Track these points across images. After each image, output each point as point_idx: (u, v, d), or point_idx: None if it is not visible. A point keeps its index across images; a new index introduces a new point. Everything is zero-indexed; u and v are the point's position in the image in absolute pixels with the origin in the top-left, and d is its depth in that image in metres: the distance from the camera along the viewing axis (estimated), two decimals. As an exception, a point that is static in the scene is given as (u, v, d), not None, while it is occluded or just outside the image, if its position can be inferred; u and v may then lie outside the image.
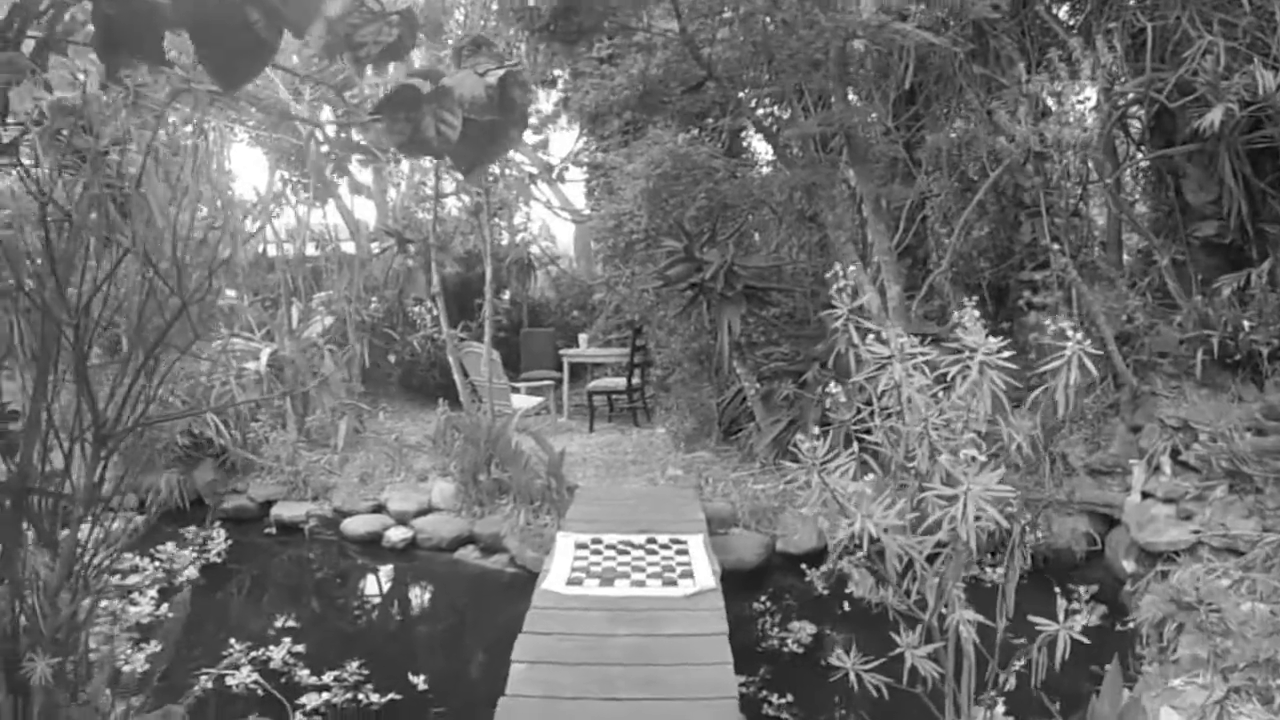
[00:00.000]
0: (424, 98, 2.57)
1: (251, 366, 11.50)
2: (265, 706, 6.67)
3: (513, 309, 15.73)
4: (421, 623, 8.55)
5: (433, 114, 2.56)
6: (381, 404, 14.07)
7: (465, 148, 2.65)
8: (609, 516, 8.20)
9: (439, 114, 2.57)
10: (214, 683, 6.98)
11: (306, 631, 7.94)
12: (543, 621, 5.90)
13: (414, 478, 10.79)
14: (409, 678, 6.87)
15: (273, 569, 9.85)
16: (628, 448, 11.56)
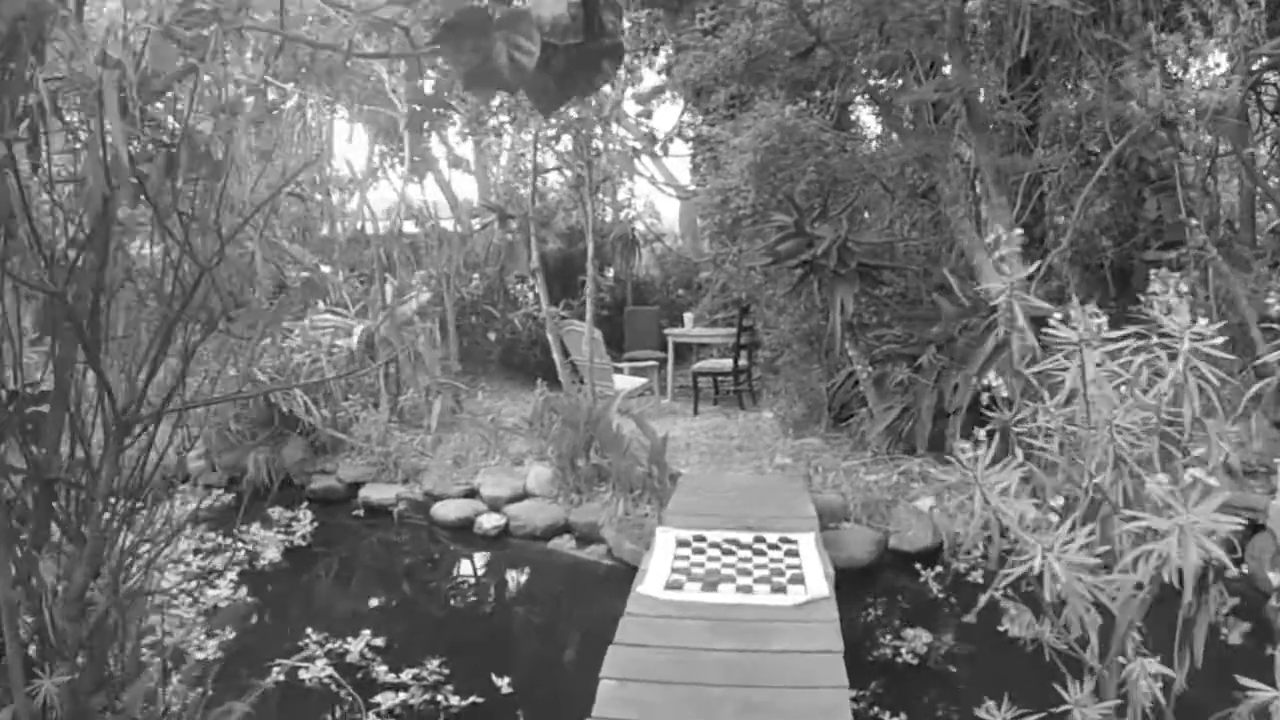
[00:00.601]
0: (494, 22, 2.12)
1: (343, 343, 10.99)
2: (338, 704, 6.16)
3: (616, 287, 15.08)
4: (510, 618, 7.91)
5: (504, 39, 2.11)
6: (480, 383, 13.53)
7: (545, 79, 2.23)
8: (713, 509, 7.44)
9: (512, 39, 2.11)
10: (286, 675, 6.47)
11: (388, 623, 7.39)
12: (636, 631, 5.21)
13: (509, 461, 10.18)
14: (492, 679, 6.27)
15: (358, 554, 9.32)
16: (733, 432, 10.82)
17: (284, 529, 9.34)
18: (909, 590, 7.47)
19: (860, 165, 9.99)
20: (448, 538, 9.29)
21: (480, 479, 9.79)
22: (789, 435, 10.08)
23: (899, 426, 8.89)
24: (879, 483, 8.53)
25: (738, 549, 6.32)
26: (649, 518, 8.37)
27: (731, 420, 11.42)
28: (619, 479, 8.86)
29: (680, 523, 6.99)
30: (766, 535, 6.51)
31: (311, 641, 6.91)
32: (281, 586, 8.31)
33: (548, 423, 10.04)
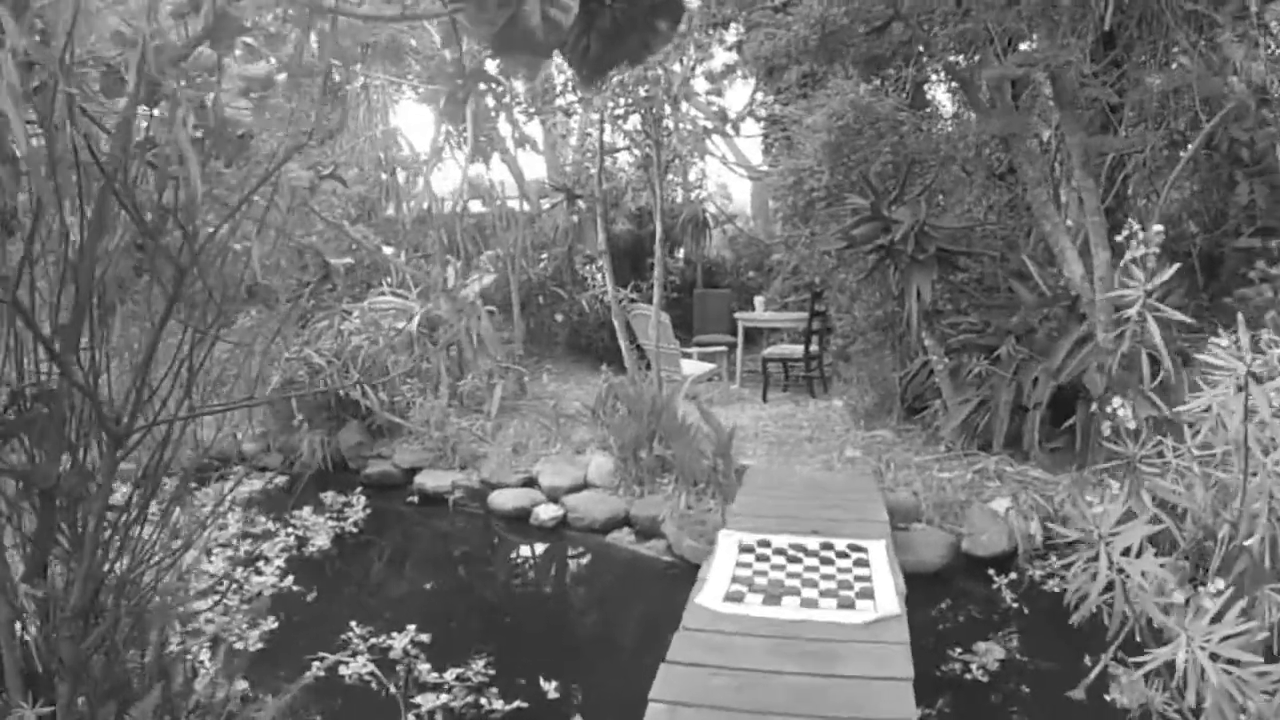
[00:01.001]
0: (523, -27, 1.55)
1: (403, 326, 10.62)
2: (377, 703, 5.83)
3: (686, 269, 14.56)
4: (563, 615, 7.45)
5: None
6: (546, 365, 13.15)
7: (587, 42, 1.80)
8: (779, 509, 6.95)
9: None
10: (326, 670, 6.17)
11: (435, 617, 7.02)
12: (692, 648, 4.75)
13: (570, 450, 9.76)
14: (540, 682, 5.91)
15: (409, 543, 8.99)
16: (803, 421, 10.31)
17: (336, 515, 9.04)
18: (981, 598, 6.92)
19: (937, 146, 9.42)
20: (503, 528, 8.91)
21: (539, 467, 9.40)
22: (860, 426, 9.55)
23: (974, 421, 8.33)
24: (952, 481, 7.97)
25: (804, 556, 5.82)
26: (712, 513, 7.93)
27: (801, 409, 10.90)
28: (682, 471, 8.41)
29: (744, 525, 6.51)
30: (835, 542, 6.00)
31: (355, 635, 6.62)
32: (328, 575, 8.00)
33: (611, 410, 9.61)
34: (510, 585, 7.95)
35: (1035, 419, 7.89)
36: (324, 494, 9.45)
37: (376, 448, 10.28)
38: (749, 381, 12.32)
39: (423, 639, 6.54)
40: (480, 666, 6.14)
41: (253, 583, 7.62)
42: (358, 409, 10.19)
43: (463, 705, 5.75)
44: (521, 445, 9.89)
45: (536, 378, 12.44)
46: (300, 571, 7.84)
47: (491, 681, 5.98)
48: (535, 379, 12.36)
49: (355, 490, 9.57)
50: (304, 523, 8.78)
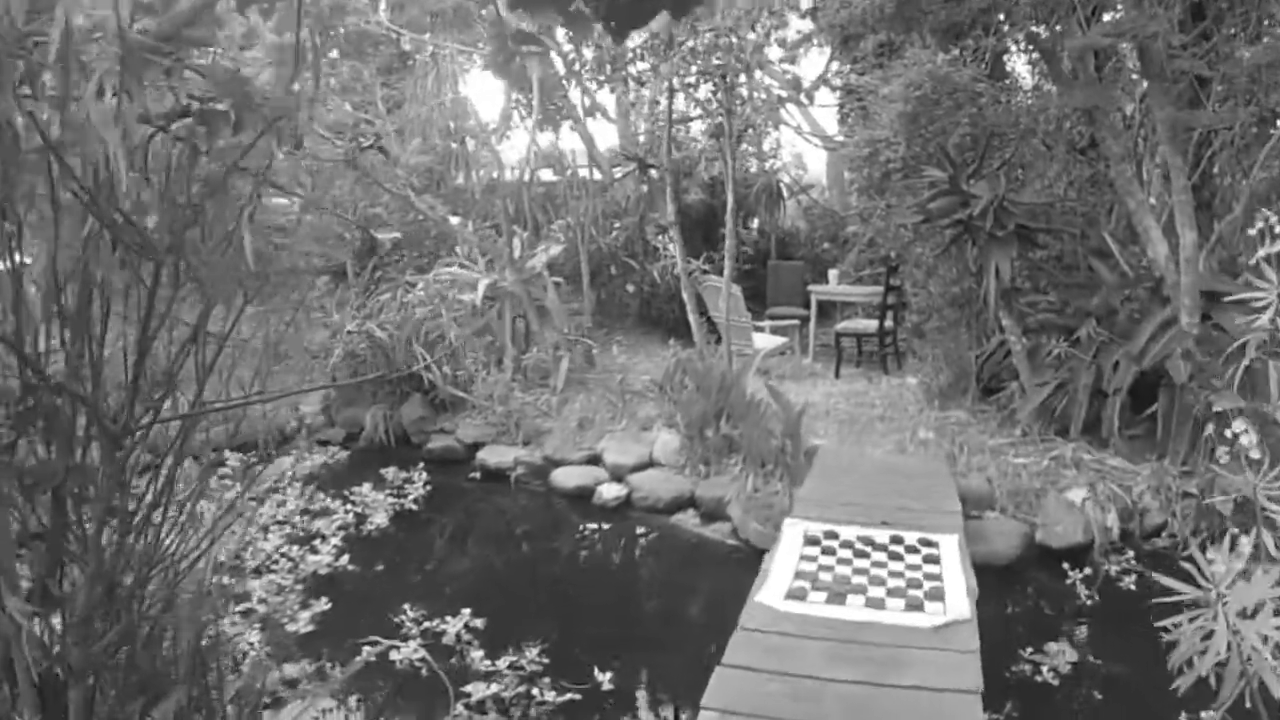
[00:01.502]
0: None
1: (468, 298, 10.35)
2: (427, 691, 5.61)
3: (760, 240, 14.11)
4: (622, 600, 7.13)
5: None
6: (616, 337, 12.82)
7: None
8: (848, 497, 6.57)
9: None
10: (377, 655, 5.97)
11: (490, 600, 6.76)
12: (748, 650, 4.42)
13: (636, 426, 9.44)
14: (595, 672, 5.65)
15: (468, 522, 8.72)
16: (875, 400, 9.88)
17: (396, 491, 8.84)
18: (1054, 593, 6.49)
19: (1017, 118, 8.90)
20: (565, 507, 8.63)
21: (604, 445, 9.11)
22: (933, 406, 9.11)
23: (1052, 405, 7.86)
24: (1028, 468, 7.52)
25: (872, 550, 5.46)
26: (779, 495, 7.59)
27: (874, 386, 10.46)
28: (750, 452, 8.07)
29: (811, 513, 6.15)
30: (905, 535, 5.63)
31: (408, 618, 6.42)
32: (385, 554, 7.76)
33: (678, 386, 9.27)
34: (570, 568, 7.65)
35: (1115, 405, 7.43)
36: (385, 470, 9.24)
37: (440, 422, 10.04)
38: (822, 356, 11.90)
39: (477, 624, 6.32)
40: (534, 654, 5.91)
41: (307, 562, 7.43)
42: (420, 383, 9.97)
43: (513, 695, 5.52)
44: (587, 421, 9.60)
45: (606, 350, 12.13)
46: (357, 550, 7.65)
47: (545, 671, 5.76)
48: (605, 351, 12.05)
49: (417, 466, 9.35)
50: (363, 499, 8.59)
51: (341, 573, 7.28)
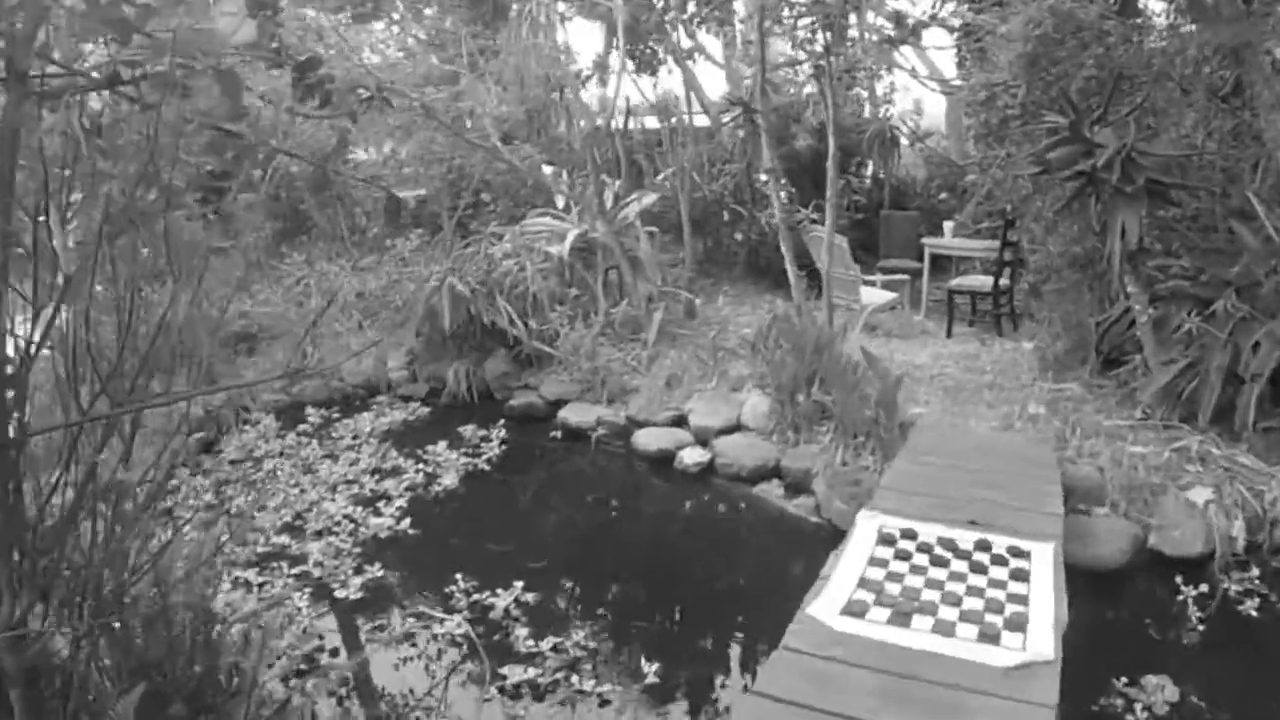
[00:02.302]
0: None
1: (554, 250, 9.72)
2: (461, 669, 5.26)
3: (874, 188, 13.16)
4: (688, 580, 6.41)
5: None
6: (723, 286, 12.12)
7: None
8: (936, 484, 5.73)
9: None
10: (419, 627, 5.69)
11: (546, 573, 6.26)
12: (787, 677, 3.73)
13: (727, 386, 8.75)
14: (642, 662, 5.13)
15: (539, 485, 8.17)
16: (986, 364, 8.96)
17: (471, 450, 8.34)
18: (1163, 612, 5.52)
19: (1149, 60, 7.78)
20: (645, 471, 8.03)
21: (691, 405, 8.46)
22: (1047, 376, 8.16)
23: (1178, 386, 6.78)
24: (1146, 459, 6.51)
25: (952, 558, 4.67)
26: (869, 471, 6.87)
27: (986, 349, 9.52)
28: (842, 421, 7.34)
29: (890, 504, 5.38)
30: (994, 540, 4.82)
31: (458, 589, 6.00)
32: (447, 519, 7.32)
33: (773, 345, 8.53)
34: (636, 541, 7.04)
35: (1252, 393, 6.29)
36: (464, 427, 8.76)
37: (524, 378, 9.52)
38: (934, 313, 10.99)
39: (528, 599, 5.86)
40: (580, 637, 5.41)
41: (369, 524, 7.02)
42: (505, 338, 9.42)
43: (549, 682, 5.03)
44: (675, 379, 8.95)
45: (711, 300, 11.47)
46: (421, 513, 7.22)
47: (589, 655, 5.27)
48: (709, 302, 11.39)
49: (497, 423, 8.85)
50: (436, 459, 8.13)
51: (401, 537, 6.87)
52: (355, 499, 7.46)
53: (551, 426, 8.85)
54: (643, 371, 9.13)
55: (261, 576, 6.35)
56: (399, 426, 9.06)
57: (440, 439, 8.48)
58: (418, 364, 9.87)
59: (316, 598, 6.05)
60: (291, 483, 7.80)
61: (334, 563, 6.47)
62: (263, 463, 8.26)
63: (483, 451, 8.29)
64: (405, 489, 7.62)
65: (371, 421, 9.09)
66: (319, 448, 8.52)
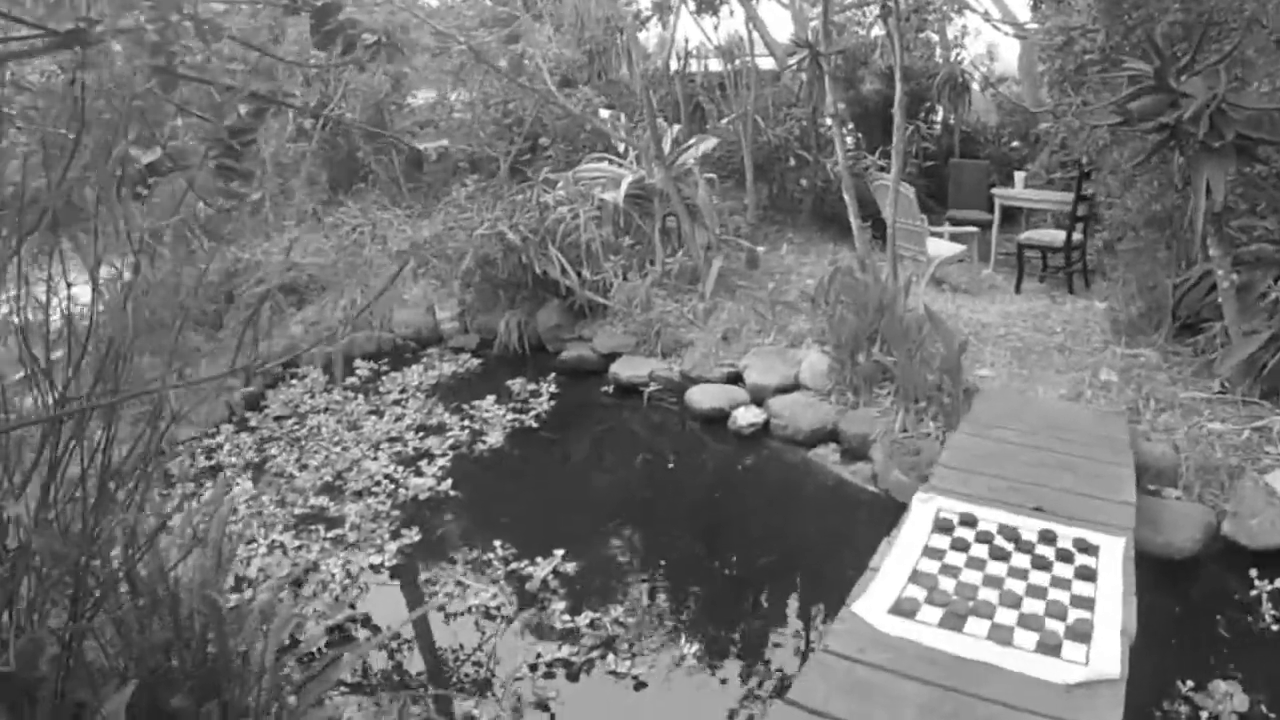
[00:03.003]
0: None
1: (609, 197, 9.31)
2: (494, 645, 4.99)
3: (943, 135, 12.53)
4: (734, 551, 5.98)
5: None
6: (788, 234, 11.65)
7: None
8: (1000, 462, 5.28)
9: None
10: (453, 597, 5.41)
11: (588, 540, 5.99)
12: (824, 684, 3.36)
13: (785, 341, 8.34)
14: (682, 642, 4.89)
15: (587, 444, 7.87)
16: (1056, 324, 8.46)
17: (519, 405, 8.04)
18: (1235, 608, 5.00)
19: (1241, 4, 7.13)
20: (697, 430, 7.66)
21: (747, 361, 8.06)
22: (1120, 340, 7.64)
23: (1262, 360, 6.22)
24: (1224, 438, 5.97)
25: (1014, 550, 4.25)
26: (930, 439, 6.45)
27: (1056, 306, 9.00)
28: (903, 384, 6.90)
29: (951, 484, 4.97)
30: (1060, 531, 4.38)
31: (496, 557, 5.73)
32: (490, 479, 7.02)
33: (834, 300, 8.10)
34: (684, 507, 6.66)
35: None
36: (513, 380, 8.45)
37: (577, 329, 9.15)
38: (1003, 267, 10.45)
39: (567, 569, 5.57)
40: (619, 612, 5.12)
41: (409, 485, 6.75)
42: (557, 288, 9.05)
43: (583, 663, 4.75)
44: (732, 333, 8.54)
45: (775, 248, 11.01)
46: (463, 473, 6.93)
47: (627, 632, 4.97)
48: (773, 250, 10.93)
49: (548, 377, 8.53)
50: (482, 415, 7.83)
51: (442, 499, 6.58)
52: (397, 457, 7.20)
53: (603, 381, 8.50)
54: (699, 324, 8.74)
55: (298, 540, 6.14)
56: (448, 380, 8.78)
57: (488, 393, 8.20)
58: (468, 315, 9.54)
59: (351, 563, 5.81)
60: (334, 440, 7.56)
61: (371, 525, 6.23)
62: (307, 419, 8.02)
63: (531, 407, 7.98)
64: (449, 447, 7.33)
65: (420, 375, 8.81)
66: (365, 403, 8.27)
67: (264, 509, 6.56)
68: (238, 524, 6.35)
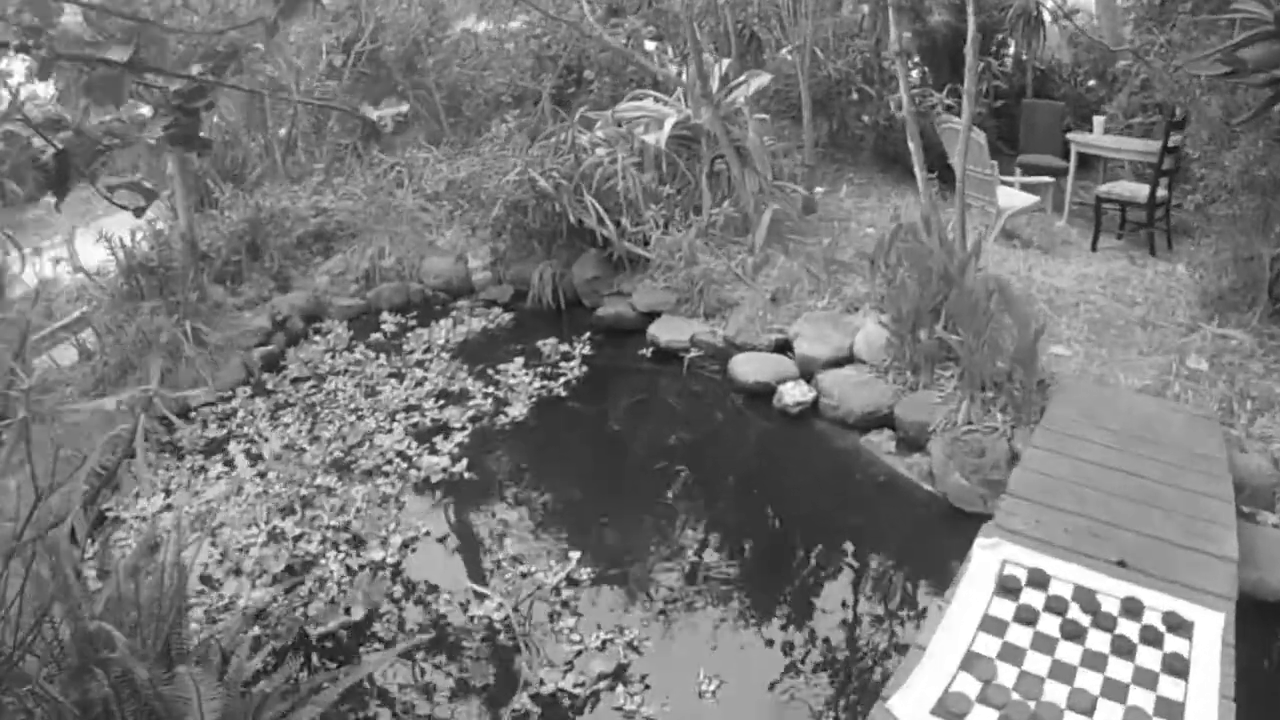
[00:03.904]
0: None
1: (651, 139, 8.45)
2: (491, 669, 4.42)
3: (1015, 73, 11.35)
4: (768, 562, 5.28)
5: None
6: (848, 173, 10.72)
7: None
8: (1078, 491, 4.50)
9: None
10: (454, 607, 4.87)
11: (608, 542, 5.39)
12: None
13: (841, 306, 7.49)
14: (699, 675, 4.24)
15: (616, 421, 7.08)
16: (1136, 291, 7.49)
17: (548, 370, 7.36)
18: None
19: None
20: (739, 407, 6.87)
21: (798, 327, 7.23)
22: (1209, 317, 6.73)
23: None
24: None
25: (1090, 625, 3.47)
26: (998, 435, 5.62)
27: (1136, 269, 8.01)
28: (969, 370, 6.02)
29: (1019, 525, 4.19)
30: (1146, 599, 3.59)
31: (504, 559, 5.15)
32: (508, 460, 6.36)
33: (894, 263, 7.22)
34: (716, 502, 5.92)
35: None
36: (544, 341, 7.72)
37: (616, 283, 8.32)
38: (1077, 218, 9.42)
39: (582, 575, 4.98)
40: (632, 634, 4.50)
41: (422, 464, 6.14)
42: (594, 237, 8.22)
43: (588, 695, 4.17)
44: (783, 293, 7.69)
45: (834, 189, 10.10)
46: (481, 450, 6.32)
47: (640, 657, 4.37)
48: (832, 191, 10.04)
49: (582, 336, 7.82)
50: (508, 381, 7.16)
51: (455, 482, 5.97)
52: (413, 430, 6.59)
53: (641, 342, 7.68)
54: (747, 280, 7.91)
55: (299, 527, 5.59)
56: (477, 336, 8.06)
57: (517, 354, 7.54)
58: (501, 265, 8.74)
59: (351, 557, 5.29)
60: (350, 407, 6.94)
61: (378, 512, 5.66)
62: (325, 381, 7.39)
63: (561, 373, 7.27)
64: (469, 419, 6.69)
65: (447, 332, 8.09)
66: (386, 363, 7.61)
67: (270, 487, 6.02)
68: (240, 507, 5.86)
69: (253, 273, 8.61)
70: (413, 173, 9.81)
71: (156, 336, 7.28)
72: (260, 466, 6.24)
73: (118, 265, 7.78)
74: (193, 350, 7.38)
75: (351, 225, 9.30)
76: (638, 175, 8.20)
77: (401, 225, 9.11)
